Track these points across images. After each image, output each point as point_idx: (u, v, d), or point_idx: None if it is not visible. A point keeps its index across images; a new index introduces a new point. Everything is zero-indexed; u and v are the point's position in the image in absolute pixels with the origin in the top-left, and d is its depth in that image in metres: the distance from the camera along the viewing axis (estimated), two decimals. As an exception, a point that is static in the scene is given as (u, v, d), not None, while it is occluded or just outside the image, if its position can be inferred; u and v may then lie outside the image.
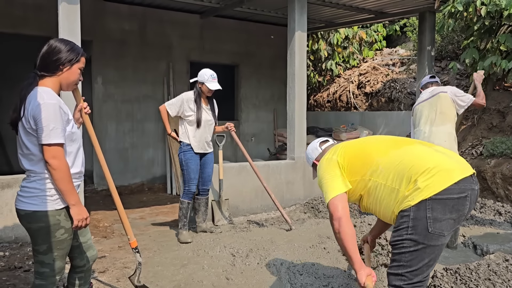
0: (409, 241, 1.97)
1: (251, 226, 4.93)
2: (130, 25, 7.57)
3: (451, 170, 2.02)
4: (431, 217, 1.95)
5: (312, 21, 8.61)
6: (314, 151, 2.57)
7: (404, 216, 2.00)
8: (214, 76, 4.54)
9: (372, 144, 2.36)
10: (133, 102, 7.68)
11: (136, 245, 3.06)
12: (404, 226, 1.99)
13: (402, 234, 1.99)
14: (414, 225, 1.96)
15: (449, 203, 1.96)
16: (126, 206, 6.34)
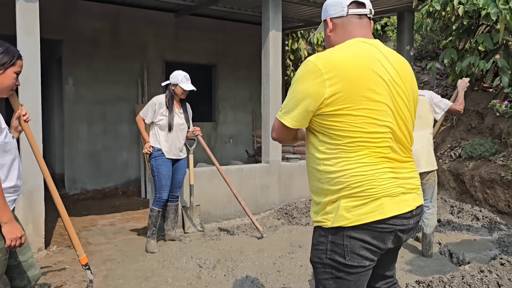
0: (330, 266, 1.69)
1: (222, 234, 4.73)
2: (102, 24, 7.30)
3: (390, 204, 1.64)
4: (348, 246, 1.64)
5: (291, 20, 8.45)
6: (336, 7, 1.77)
7: (322, 235, 1.70)
8: (188, 77, 4.37)
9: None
10: (106, 103, 7.42)
11: (87, 262, 2.85)
12: (323, 248, 1.70)
13: (322, 258, 1.71)
14: (333, 250, 1.67)
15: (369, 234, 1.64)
16: (97, 212, 6.20)
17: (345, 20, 1.77)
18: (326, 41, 1.86)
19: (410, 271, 3.53)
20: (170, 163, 4.42)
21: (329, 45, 1.82)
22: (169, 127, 4.34)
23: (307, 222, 5.08)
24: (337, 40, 1.78)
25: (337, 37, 1.78)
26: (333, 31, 1.79)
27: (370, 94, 1.62)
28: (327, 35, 1.82)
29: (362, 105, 1.61)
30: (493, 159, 5.62)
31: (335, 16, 1.78)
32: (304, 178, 6.52)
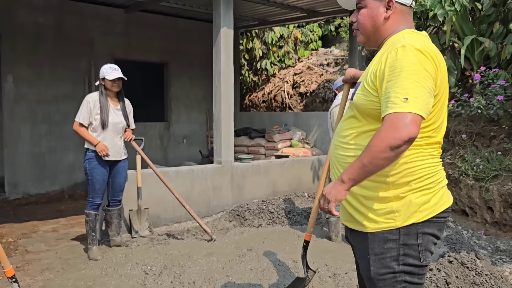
0: (403, 274, 1.55)
1: (171, 238, 4.54)
2: (45, 18, 6.90)
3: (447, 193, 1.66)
4: (423, 244, 1.55)
5: (245, 19, 8.35)
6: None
7: (389, 240, 1.55)
8: (114, 68, 4.05)
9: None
10: (50, 102, 7.02)
11: (13, 274, 2.58)
12: (393, 255, 1.54)
13: (393, 266, 1.54)
14: (406, 254, 1.54)
15: (437, 226, 1.59)
16: (40, 217, 5.81)
17: (406, 10, 1.68)
18: (371, 20, 1.66)
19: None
20: (106, 166, 4.13)
21: (376, 26, 1.66)
22: (102, 125, 4.02)
23: (259, 224, 4.98)
24: (392, 26, 1.66)
25: (393, 23, 1.66)
26: (391, 16, 1.65)
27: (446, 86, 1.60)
28: (382, 17, 1.65)
29: (443, 97, 1.58)
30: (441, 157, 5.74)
31: (400, 2, 1.65)
32: (257, 178, 6.41)
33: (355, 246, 1.70)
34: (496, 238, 4.57)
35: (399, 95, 1.42)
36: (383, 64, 1.51)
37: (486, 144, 5.45)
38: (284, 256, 3.67)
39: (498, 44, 5.34)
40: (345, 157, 1.66)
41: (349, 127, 1.67)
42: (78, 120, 4.04)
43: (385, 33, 1.67)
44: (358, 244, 1.65)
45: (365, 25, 1.68)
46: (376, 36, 1.68)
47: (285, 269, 3.43)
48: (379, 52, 1.65)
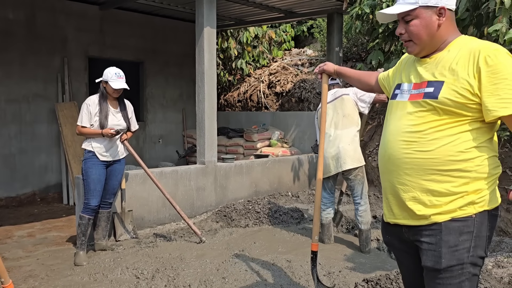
0: (469, 265, 1.60)
1: (158, 240, 4.47)
2: (15, 14, 6.61)
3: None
4: (489, 236, 1.64)
5: (222, 18, 8.31)
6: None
7: (464, 232, 1.60)
8: (120, 75, 4.07)
9: None
10: (21, 101, 6.73)
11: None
12: (466, 246, 1.59)
13: (463, 258, 1.59)
14: (476, 245, 1.60)
15: (495, 220, 1.69)
16: (13, 221, 5.58)
17: (453, 14, 1.73)
18: (427, 29, 1.69)
19: (353, 269, 3.56)
20: (102, 167, 4.09)
21: (432, 35, 1.70)
22: (101, 127, 4.04)
23: (246, 224, 4.98)
24: (445, 32, 1.71)
25: (446, 30, 1.71)
26: (444, 23, 1.69)
27: None
28: (435, 25, 1.69)
29: None
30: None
31: (450, 8, 1.69)
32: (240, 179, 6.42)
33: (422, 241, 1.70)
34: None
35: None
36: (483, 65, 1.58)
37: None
38: (278, 256, 3.69)
39: (471, 47, 5.55)
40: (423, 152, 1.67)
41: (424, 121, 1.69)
42: (79, 124, 4.07)
43: (440, 40, 1.72)
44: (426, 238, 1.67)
45: (420, 35, 1.71)
46: (432, 44, 1.73)
47: (280, 269, 3.45)
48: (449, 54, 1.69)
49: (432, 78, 1.69)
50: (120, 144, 4.24)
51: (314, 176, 7.20)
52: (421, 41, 1.72)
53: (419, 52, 1.76)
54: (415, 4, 1.69)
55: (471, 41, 1.69)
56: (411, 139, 1.69)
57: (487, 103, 1.57)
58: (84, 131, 4.05)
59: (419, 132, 1.67)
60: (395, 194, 1.75)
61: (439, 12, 1.68)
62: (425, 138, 1.66)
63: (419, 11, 1.69)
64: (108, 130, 4.00)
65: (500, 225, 4.63)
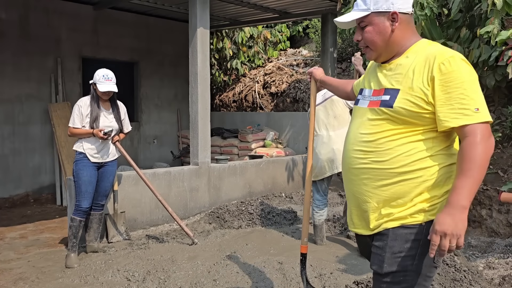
0: (413, 273, 1.58)
1: (150, 242, 4.45)
2: (8, 14, 6.57)
3: None
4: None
5: (216, 18, 8.30)
6: (405, 1, 1.67)
7: (410, 240, 1.58)
8: (108, 77, 4.02)
9: None
10: (14, 102, 6.70)
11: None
12: (411, 254, 1.58)
13: (406, 265, 1.58)
14: (423, 253, 1.57)
15: None
16: (6, 223, 5.55)
17: (409, 18, 1.69)
18: (381, 35, 1.67)
19: (345, 271, 3.56)
20: (94, 168, 4.07)
21: (386, 41, 1.67)
22: (91, 128, 4.03)
23: (239, 225, 4.96)
24: (402, 37, 1.67)
25: (402, 35, 1.67)
26: (398, 27, 1.66)
27: None
28: (389, 30, 1.66)
29: None
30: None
31: (403, 12, 1.66)
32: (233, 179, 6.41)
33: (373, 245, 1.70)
34: (467, 234, 4.76)
35: (470, 106, 1.49)
36: (436, 73, 1.54)
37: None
38: (269, 258, 3.68)
39: (465, 48, 5.56)
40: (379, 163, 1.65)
41: (380, 130, 1.66)
42: (71, 125, 4.05)
43: (396, 45, 1.68)
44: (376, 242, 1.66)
45: (374, 42, 1.68)
46: (388, 49, 1.69)
47: (271, 271, 3.44)
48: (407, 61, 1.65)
49: (389, 86, 1.65)
50: (111, 145, 4.22)
51: (309, 177, 7.19)
52: (377, 47, 1.68)
53: (377, 58, 1.73)
54: (367, 10, 1.67)
55: (429, 46, 1.64)
56: (367, 148, 1.67)
57: (439, 112, 1.54)
58: (75, 132, 4.03)
59: (374, 141, 1.65)
60: (355, 203, 1.73)
61: (392, 18, 1.65)
62: (381, 148, 1.63)
63: (372, 17, 1.66)
64: (99, 131, 3.98)
65: (492, 226, 4.64)
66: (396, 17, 1.64)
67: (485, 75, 5.33)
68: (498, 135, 4.95)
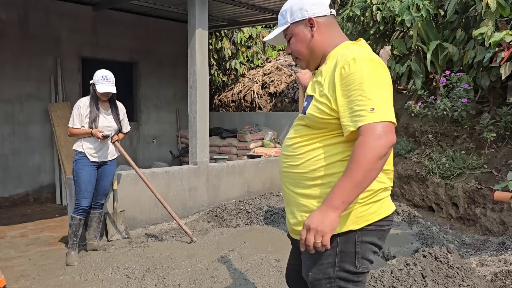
0: (338, 280, 1.59)
1: (150, 240, 4.51)
2: (8, 14, 6.62)
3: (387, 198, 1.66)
4: (360, 252, 1.58)
5: (215, 19, 8.35)
6: (320, 6, 1.68)
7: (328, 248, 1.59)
8: (107, 78, 4.08)
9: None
10: (14, 102, 6.75)
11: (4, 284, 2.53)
12: (330, 261, 1.58)
13: (329, 272, 1.59)
14: (342, 261, 1.58)
15: (376, 235, 1.62)
16: (6, 222, 5.60)
17: (329, 20, 1.69)
18: (304, 43, 1.69)
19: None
20: (93, 167, 4.13)
21: (310, 47, 1.69)
22: (90, 128, 4.09)
23: (237, 224, 5.03)
24: (324, 41, 1.68)
25: (323, 38, 1.68)
26: (317, 32, 1.67)
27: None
28: (309, 37, 1.68)
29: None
30: (408, 157, 6.00)
31: (319, 15, 1.67)
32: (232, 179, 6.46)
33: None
34: (461, 232, 4.84)
35: (366, 107, 1.44)
36: (337, 79, 1.52)
37: (450, 144, 5.75)
38: (267, 256, 3.74)
39: (460, 49, 5.64)
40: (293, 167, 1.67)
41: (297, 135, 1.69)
42: (70, 125, 4.11)
43: (320, 50, 1.69)
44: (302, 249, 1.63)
45: (300, 51, 1.71)
46: (313, 56, 1.71)
47: (268, 268, 3.50)
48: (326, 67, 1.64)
49: (310, 92, 1.67)
50: (111, 145, 4.28)
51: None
52: (303, 55, 1.72)
53: (307, 66, 1.76)
54: (286, 23, 1.70)
55: (341, 50, 1.62)
56: (287, 153, 1.70)
57: (342, 118, 1.51)
58: (74, 132, 4.09)
59: (291, 146, 1.69)
60: (285, 206, 1.77)
61: (310, 24, 1.67)
62: (295, 153, 1.66)
63: (292, 28, 1.69)
64: (97, 131, 4.04)
65: (486, 224, 4.71)
66: (313, 22, 1.66)
67: (480, 76, 5.40)
68: (493, 135, 5.02)
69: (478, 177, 4.98)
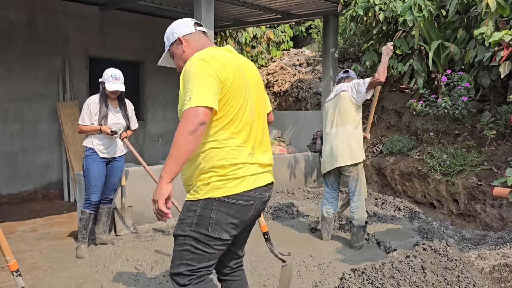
0: (190, 239, 1.91)
1: (157, 234, 4.63)
2: (17, 14, 6.76)
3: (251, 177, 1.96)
4: (214, 218, 1.90)
5: (220, 19, 8.46)
6: (185, 27, 2.15)
7: (191, 210, 1.92)
8: (116, 76, 4.19)
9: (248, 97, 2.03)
10: (23, 100, 6.89)
11: (17, 268, 2.65)
12: (189, 222, 1.92)
13: (185, 230, 1.92)
14: (198, 223, 1.90)
15: (234, 208, 1.92)
16: (16, 217, 5.74)
17: (196, 35, 2.14)
18: (180, 58, 2.11)
19: (343, 261, 3.73)
20: (103, 163, 4.24)
21: (184, 60, 2.08)
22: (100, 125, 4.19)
23: (242, 219, 5.14)
24: (193, 52, 2.04)
25: (192, 50, 2.08)
26: (187, 46, 2.10)
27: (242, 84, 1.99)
28: (182, 52, 2.11)
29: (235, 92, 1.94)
30: (410, 154, 6.10)
31: (186, 34, 2.12)
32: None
33: None
34: (461, 228, 4.94)
35: (187, 96, 1.81)
36: (181, 76, 1.93)
37: (451, 142, 5.84)
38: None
39: (461, 48, 5.73)
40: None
41: None
42: (80, 123, 4.22)
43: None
44: None
45: (179, 65, 2.14)
46: None
47: (272, 261, 3.61)
48: None
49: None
50: (119, 141, 4.39)
51: (310, 174, 7.36)
52: (182, 68, 2.10)
53: None
54: (167, 47, 2.20)
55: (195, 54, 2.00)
56: None
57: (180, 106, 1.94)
58: (84, 129, 4.21)
59: None
60: None
61: (180, 42, 2.12)
62: None
63: (171, 50, 2.17)
64: (107, 128, 4.15)
65: (485, 220, 4.80)
66: (182, 40, 2.11)
67: (481, 75, 5.49)
68: (493, 133, 5.11)
69: (479, 174, 5.07)
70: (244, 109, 1.96)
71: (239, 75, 1.95)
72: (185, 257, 1.91)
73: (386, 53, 4.10)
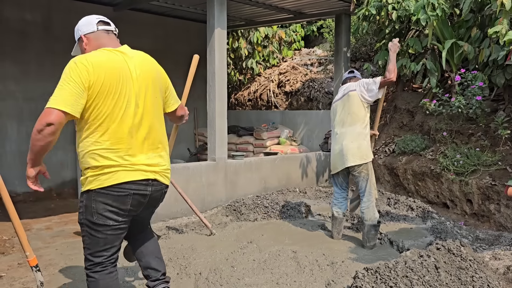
0: (84, 226, 2.22)
1: (171, 232, 4.68)
2: (33, 15, 6.87)
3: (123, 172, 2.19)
4: (94, 207, 2.18)
5: (232, 19, 8.50)
6: (88, 26, 2.35)
7: (80, 200, 2.24)
8: None
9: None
10: (38, 100, 6.98)
11: (37, 263, 2.70)
12: (81, 211, 2.24)
13: (80, 218, 2.24)
14: (85, 212, 2.20)
15: (109, 198, 2.18)
16: (31, 215, 5.83)
17: (99, 34, 2.32)
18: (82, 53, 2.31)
19: (356, 260, 3.73)
20: None
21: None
22: None
23: (255, 218, 5.17)
24: (91, 50, 2.27)
25: (91, 48, 2.29)
26: (88, 44, 2.31)
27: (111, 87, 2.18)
28: (84, 49, 2.32)
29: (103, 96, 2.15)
30: (423, 154, 6.06)
31: (88, 33, 2.31)
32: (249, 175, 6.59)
33: None
34: (475, 228, 4.90)
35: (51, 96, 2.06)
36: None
37: (464, 141, 5.79)
38: (284, 248, 3.86)
39: (475, 47, 5.68)
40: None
41: None
42: None
43: None
44: None
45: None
46: None
47: (286, 259, 3.63)
48: None
49: None
50: None
51: (322, 173, 7.37)
52: None
53: None
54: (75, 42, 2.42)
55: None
56: None
57: None
58: None
59: None
60: None
61: (82, 40, 2.33)
62: None
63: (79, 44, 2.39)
64: None
65: (500, 220, 4.75)
66: (83, 38, 2.32)
67: (495, 74, 5.44)
68: (507, 132, 5.06)
69: (493, 174, 5.02)
70: (119, 111, 2.16)
71: (114, 78, 2.14)
72: (85, 241, 2.25)
73: (393, 50, 4.09)
